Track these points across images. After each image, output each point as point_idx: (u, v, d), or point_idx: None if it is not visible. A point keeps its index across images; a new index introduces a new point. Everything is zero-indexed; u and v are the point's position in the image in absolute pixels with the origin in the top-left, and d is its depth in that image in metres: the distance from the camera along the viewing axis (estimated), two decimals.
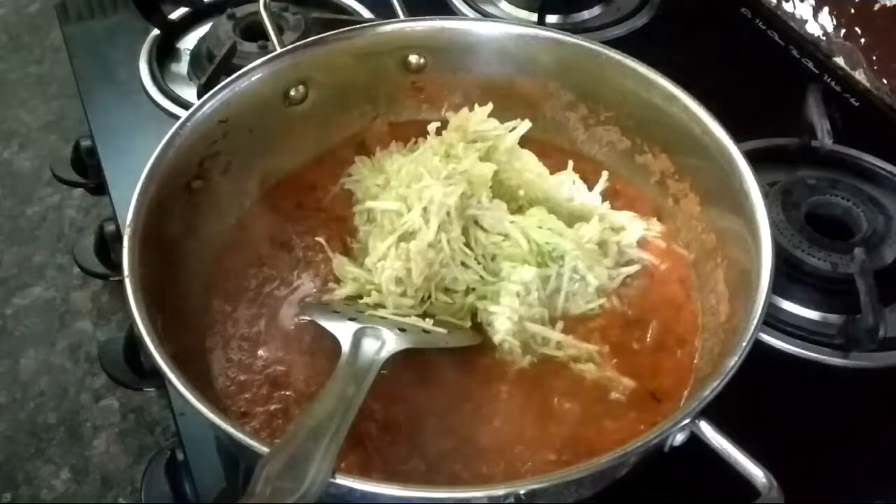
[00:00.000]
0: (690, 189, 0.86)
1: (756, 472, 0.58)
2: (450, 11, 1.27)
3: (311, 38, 0.92)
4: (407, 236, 0.79)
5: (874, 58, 1.15)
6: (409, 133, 0.94)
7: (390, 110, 0.97)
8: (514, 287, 0.77)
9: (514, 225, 0.80)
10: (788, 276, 0.88)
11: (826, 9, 1.21)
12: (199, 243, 0.83)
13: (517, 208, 0.84)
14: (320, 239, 0.85)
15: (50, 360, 1.29)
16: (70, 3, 1.30)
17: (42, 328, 1.34)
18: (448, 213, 0.79)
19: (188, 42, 1.24)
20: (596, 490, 0.65)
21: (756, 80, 1.16)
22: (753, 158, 0.78)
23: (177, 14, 1.25)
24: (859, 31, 1.17)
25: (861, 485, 0.76)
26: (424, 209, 0.78)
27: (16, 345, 1.31)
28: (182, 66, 1.20)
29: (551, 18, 1.25)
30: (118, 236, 0.98)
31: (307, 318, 0.78)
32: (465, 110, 0.93)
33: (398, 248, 0.78)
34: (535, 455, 0.70)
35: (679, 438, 0.61)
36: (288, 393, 0.74)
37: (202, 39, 1.21)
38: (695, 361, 0.77)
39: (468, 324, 0.78)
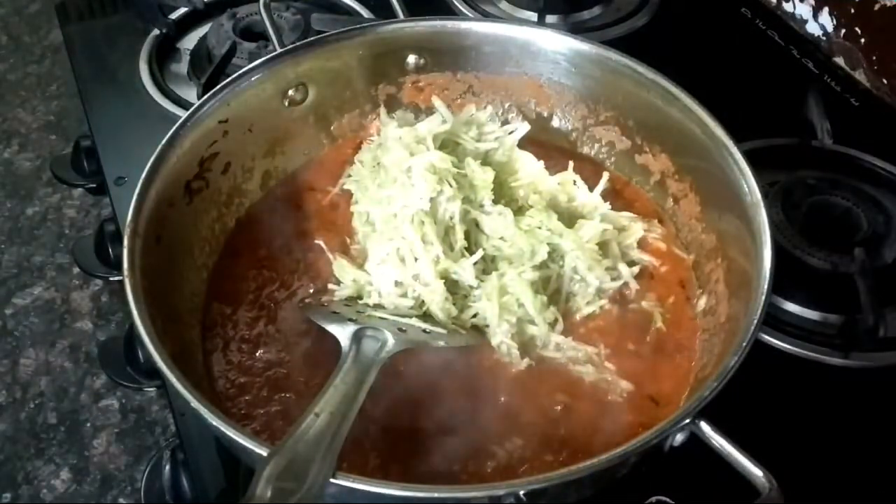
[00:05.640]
0: (690, 189, 0.86)
1: (756, 472, 0.58)
2: (450, 11, 1.27)
3: (311, 38, 0.93)
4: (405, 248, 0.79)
5: (874, 58, 1.15)
6: None
7: (390, 110, 0.97)
8: (514, 288, 0.77)
9: (514, 226, 0.80)
10: (788, 276, 0.87)
11: (826, 9, 1.21)
12: (199, 244, 0.83)
13: (517, 209, 0.84)
14: (319, 241, 0.85)
15: (50, 360, 1.29)
16: (70, 3, 1.30)
17: (42, 328, 1.33)
18: (451, 218, 0.79)
19: (188, 42, 1.24)
20: (596, 490, 0.65)
21: (756, 80, 1.16)
22: (753, 158, 0.78)
23: (177, 14, 1.25)
24: (859, 31, 1.17)
25: (861, 485, 0.76)
26: (424, 213, 0.78)
27: (16, 345, 1.31)
28: (182, 66, 1.20)
29: (551, 18, 1.25)
30: (118, 236, 0.98)
31: (307, 319, 0.78)
32: (464, 112, 0.94)
33: (398, 252, 0.78)
34: (534, 455, 0.70)
35: (679, 438, 0.61)
36: (288, 395, 0.74)
37: (202, 39, 1.21)
38: (693, 365, 0.77)
39: (468, 325, 0.78)
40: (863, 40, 1.16)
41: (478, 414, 0.73)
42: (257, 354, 0.77)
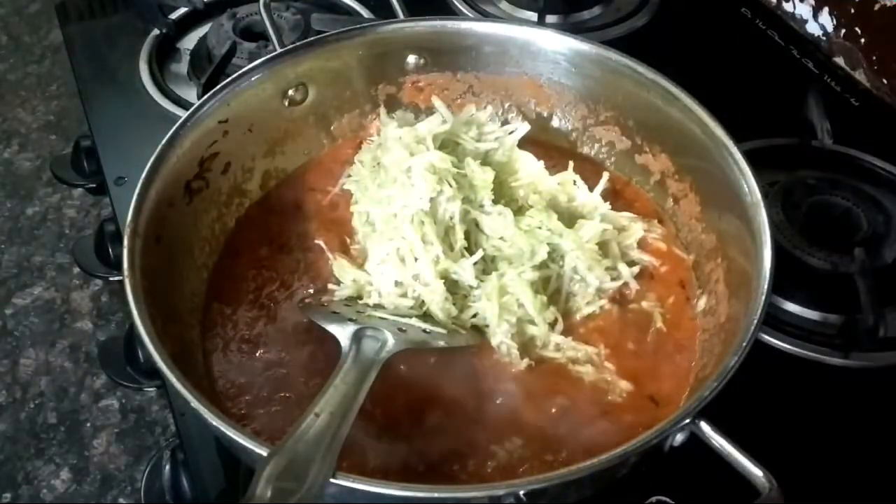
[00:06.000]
0: (690, 189, 0.86)
1: (756, 472, 0.58)
2: (450, 11, 1.27)
3: (311, 38, 0.93)
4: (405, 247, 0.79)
5: (874, 58, 1.15)
6: None
7: (390, 110, 0.97)
8: (514, 288, 0.77)
9: (514, 226, 0.80)
10: (788, 276, 0.87)
11: (826, 9, 1.21)
12: (199, 244, 0.83)
13: (517, 209, 0.84)
14: (319, 241, 0.85)
15: (50, 360, 1.29)
16: (70, 3, 1.30)
17: (42, 328, 1.33)
18: (451, 218, 0.79)
19: (188, 42, 1.24)
20: (596, 490, 0.65)
21: (756, 80, 1.16)
22: (753, 158, 0.78)
23: (177, 14, 1.25)
24: (859, 31, 1.17)
25: (861, 485, 0.76)
26: (424, 213, 0.78)
27: (16, 345, 1.31)
28: (182, 66, 1.20)
29: (551, 18, 1.25)
30: (118, 236, 0.98)
31: (307, 319, 0.78)
32: (464, 112, 0.94)
33: (398, 252, 0.78)
34: (534, 455, 0.70)
35: (679, 438, 0.61)
36: (288, 395, 0.74)
37: (202, 39, 1.21)
38: (693, 365, 0.76)
39: (468, 325, 0.78)
40: (863, 40, 1.16)
41: (478, 414, 0.73)
42: (257, 354, 0.77)
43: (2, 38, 1.88)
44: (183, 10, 1.25)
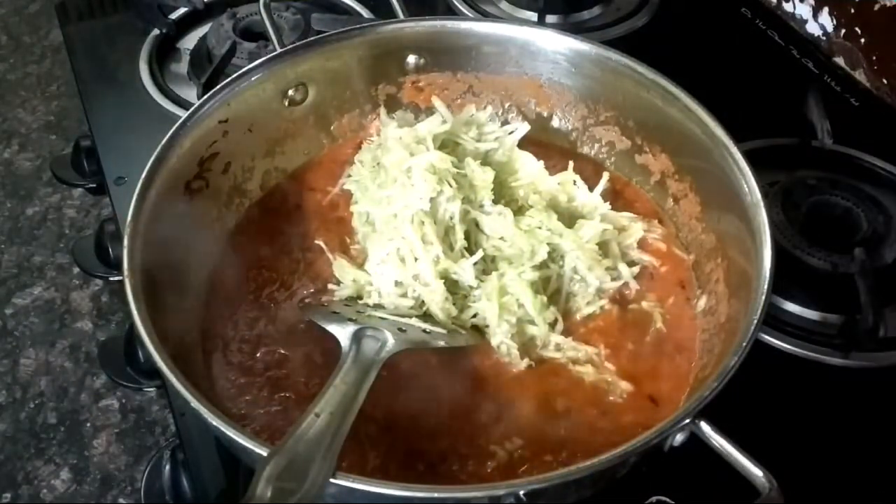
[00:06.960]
0: (690, 189, 0.86)
1: (756, 472, 0.58)
2: (450, 11, 1.27)
3: (311, 38, 0.93)
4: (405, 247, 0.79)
5: (874, 58, 1.15)
6: None
7: (390, 110, 0.97)
8: (514, 289, 0.77)
9: (514, 226, 0.80)
10: (788, 276, 0.87)
11: (826, 9, 1.21)
12: (199, 244, 0.83)
13: (517, 209, 0.84)
14: (319, 241, 0.85)
15: (50, 360, 1.29)
16: (70, 3, 1.30)
17: (42, 328, 1.33)
18: (451, 218, 0.79)
19: (188, 42, 1.24)
20: (596, 490, 0.65)
21: (756, 80, 1.16)
22: (753, 158, 0.78)
23: (177, 14, 1.25)
24: (859, 31, 1.17)
25: (861, 485, 0.76)
26: (424, 213, 0.78)
27: (16, 345, 1.31)
28: (182, 66, 1.20)
29: (551, 18, 1.25)
30: (118, 236, 0.98)
31: (307, 319, 0.78)
32: (464, 112, 0.94)
33: (398, 252, 0.78)
34: (534, 455, 0.70)
35: (679, 438, 0.61)
36: (288, 395, 0.74)
37: (202, 39, 1.21)
38: (693, 365, 0.76)
39: (468, 325, 0.78)
40: (863, 40, 1.16)
41: (478, 414, 0.73)
42: (257, 354, 0.77)
43: (2, 38, 1.88)
44: (183, 10, 1.25)
